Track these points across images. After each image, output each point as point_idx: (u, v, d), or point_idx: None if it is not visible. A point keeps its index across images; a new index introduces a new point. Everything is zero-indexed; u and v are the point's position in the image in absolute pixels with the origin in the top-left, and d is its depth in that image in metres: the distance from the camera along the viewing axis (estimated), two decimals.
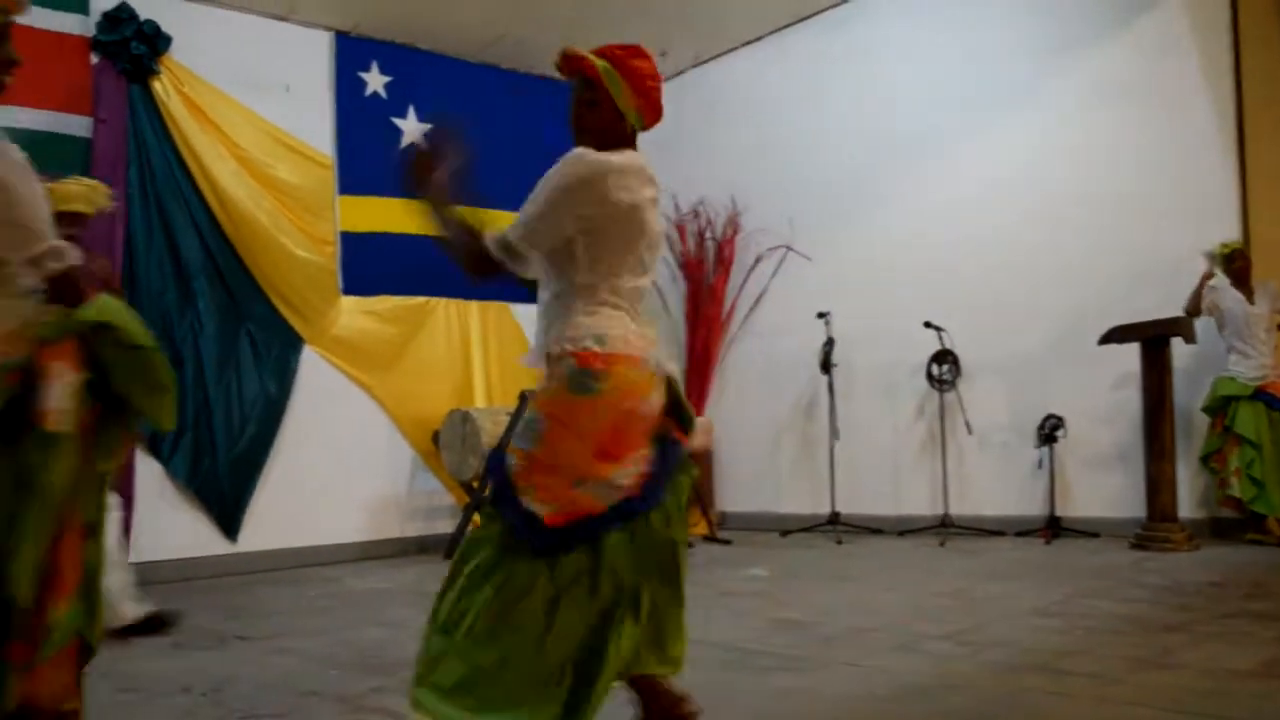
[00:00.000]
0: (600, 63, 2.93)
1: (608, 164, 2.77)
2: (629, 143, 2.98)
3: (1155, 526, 6.81)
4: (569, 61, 2.95)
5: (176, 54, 7.61)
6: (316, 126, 8.31)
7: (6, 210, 2.40)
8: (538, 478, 2.68)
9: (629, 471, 2.67)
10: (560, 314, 2.80)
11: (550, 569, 2.63)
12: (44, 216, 2.49)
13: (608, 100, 2.94)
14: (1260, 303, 7.06)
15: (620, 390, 2.68)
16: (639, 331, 2.80)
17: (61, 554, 2.39)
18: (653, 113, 3.02)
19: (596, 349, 2.68)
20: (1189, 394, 7.25)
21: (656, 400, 2.77)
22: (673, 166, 10.01)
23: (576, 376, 2.68)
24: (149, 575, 7.06)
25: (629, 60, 2.97)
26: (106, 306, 2.59)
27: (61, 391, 2.37)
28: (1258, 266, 7.12)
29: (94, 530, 2.56)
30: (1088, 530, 7.48)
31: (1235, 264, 7.01)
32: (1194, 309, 7.08)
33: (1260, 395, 6.95)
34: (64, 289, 2.52)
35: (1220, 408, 7.02)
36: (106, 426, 2.61)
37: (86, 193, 5.09)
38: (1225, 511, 7.10)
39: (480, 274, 2.91)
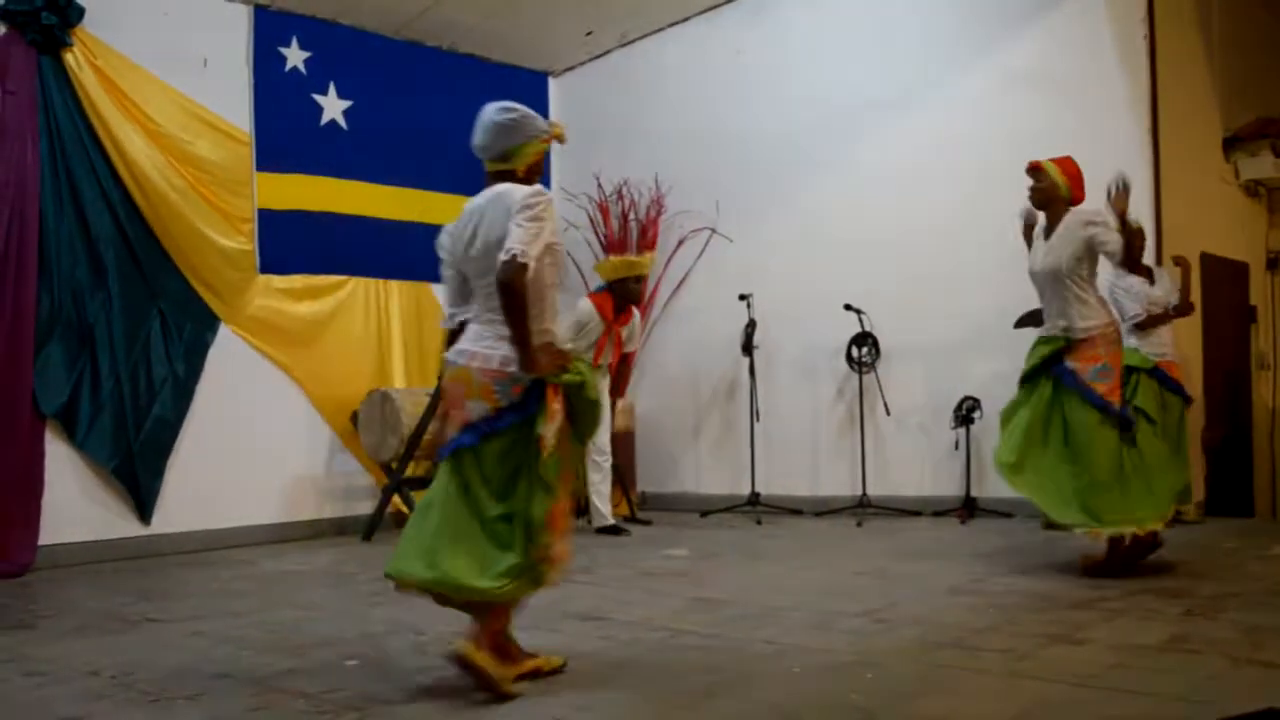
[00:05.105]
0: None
1: None
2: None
3: None
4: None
5: (89, 26, 7.39)
6: (235, 102, 8.14)
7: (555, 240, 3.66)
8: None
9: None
10: None
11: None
12: None
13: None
14: (1159, 284, 7.20)
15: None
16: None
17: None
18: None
19: None
20: None
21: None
22: (597, 147, 10.02)
23: None
24: (59, 558, 6.95)
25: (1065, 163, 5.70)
26: (585, 372, 3.75)
27: (553, 429, 3.59)
28: (1168, 250, 7.29)
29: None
30: (1002, 511, 7.60)
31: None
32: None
33: (1156, 372, 7.08)
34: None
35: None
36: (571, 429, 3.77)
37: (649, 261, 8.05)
38: None
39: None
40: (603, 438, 7.84)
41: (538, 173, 3.83)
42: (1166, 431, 7.01)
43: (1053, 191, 5.60)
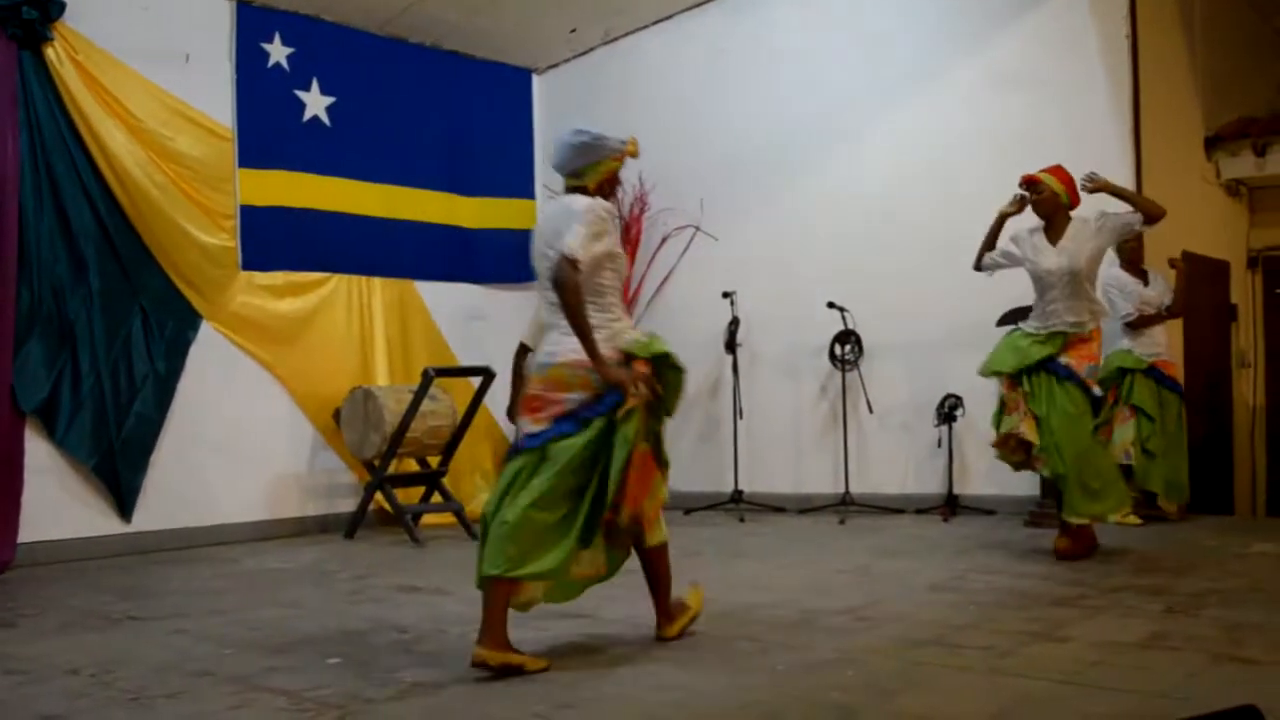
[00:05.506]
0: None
1: None
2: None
3: (1048, 504, 6.95)
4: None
5: (70, 20, 7.32)
6: (217, 98, 8.07)
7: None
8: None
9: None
10: None
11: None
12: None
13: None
14: (1153, 285, 7.25)
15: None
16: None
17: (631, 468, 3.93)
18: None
19: None
20: None
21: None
22: None
23: None
24: (39, 556, 6.90)
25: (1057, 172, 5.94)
26: (661, 342, 4.11)
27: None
28: (1151, 251, 7.31)
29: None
30: (984, 508, 7.62)
31: (1129, 244, 7.16)
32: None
33: (1153, 371, 7.14)
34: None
35: (1115, 381, 7.16)
36: (654, 405, 4.07)
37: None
38: None
39: None
40: None
41: (612, 185, 4.32)
42: (1165, 428, 7.09)
43: (1055, 201, 5.93)
